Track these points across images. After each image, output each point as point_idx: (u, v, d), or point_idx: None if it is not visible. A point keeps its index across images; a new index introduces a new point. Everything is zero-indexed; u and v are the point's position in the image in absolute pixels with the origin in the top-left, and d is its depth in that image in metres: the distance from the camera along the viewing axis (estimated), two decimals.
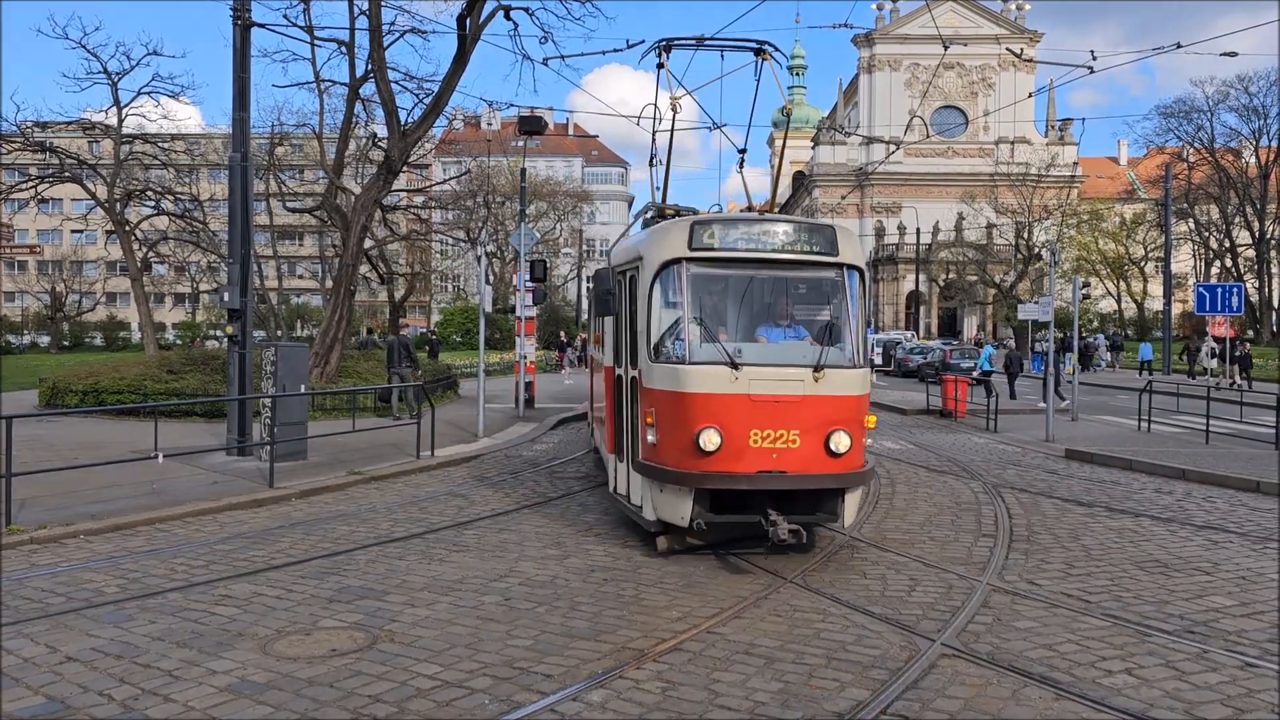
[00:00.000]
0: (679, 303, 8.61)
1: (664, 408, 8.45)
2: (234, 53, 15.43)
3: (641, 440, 8.77)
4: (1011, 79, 76.88)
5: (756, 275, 8.93)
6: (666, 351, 8.59)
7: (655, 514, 8.75)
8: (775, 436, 8.18)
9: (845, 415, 8.43)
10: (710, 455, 8.12)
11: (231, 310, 15.18)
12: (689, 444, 8.18)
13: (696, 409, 8.20)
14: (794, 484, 8.27)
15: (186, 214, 37.32)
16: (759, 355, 8.56)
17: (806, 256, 8.80)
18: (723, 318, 8.94)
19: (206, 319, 76.25)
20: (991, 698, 5.52)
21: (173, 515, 10.53)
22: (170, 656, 6.14)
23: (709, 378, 8.24)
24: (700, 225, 8.64)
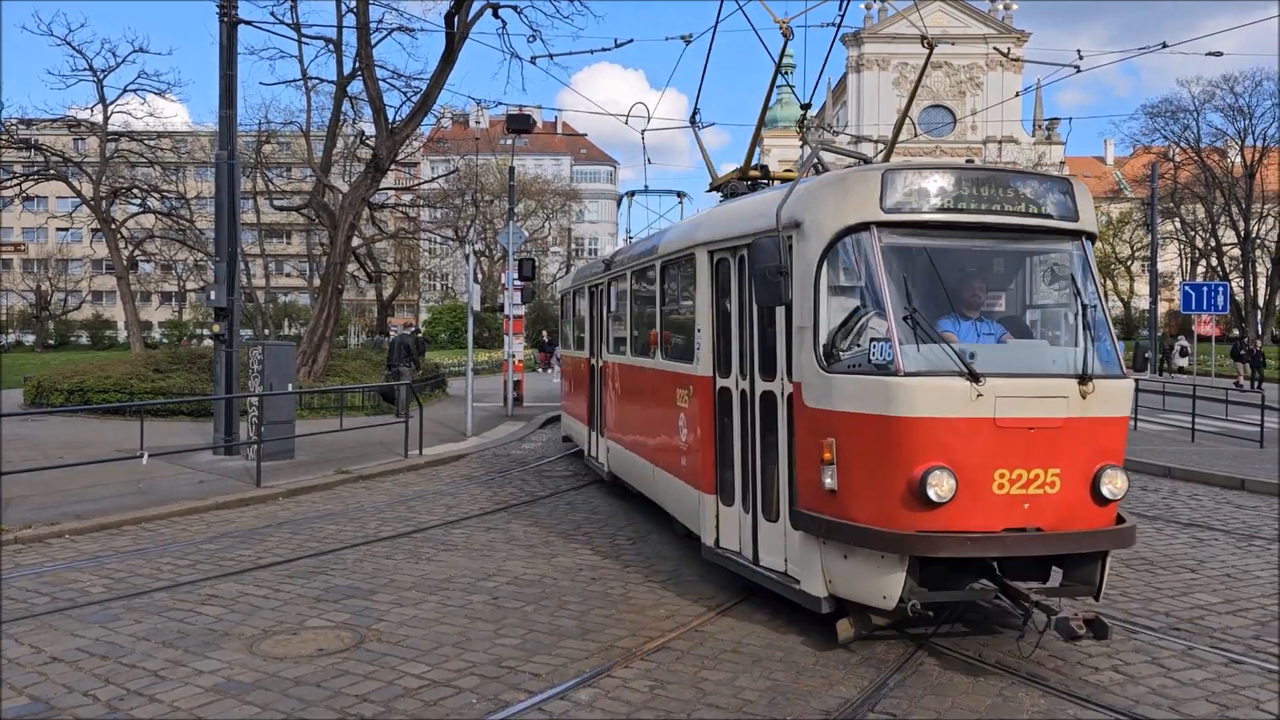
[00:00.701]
0: (866, 287, 6.14)
1: (855, 438, 5.93)
2: (220, 50, 15.36)
3: (804, 482, 6.33)
4: (999, 79, 77.16)
5: (973, 247, 6.51)
6: (849, 357, 6.10)
7: (831, 589, 6.26)
8: (1029, 479, 5.78)
9: (1115, 445, 6.12)
10: (936, 508, 5.64)
11: (218, 309, 15.11)
12: (902, 491, 5.69)
13: (917, 440, 5.69)
14: (1056, 547, 5.93)
15: (173, 212, 37.16)
16: (1001, 362, 6.03)
17: (1042, 221, 6.37)
18: (933, 308, 6.22)
19: (193, 318, 75.97)
20: (978, 695, 5.53)
21: (159, 515, 10.48)
22: (156, 656, 6.11)
23: (937, 395, 5.72)
24: (897, 176, 6.14)
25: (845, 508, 6.00)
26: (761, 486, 7.06)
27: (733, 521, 7.52)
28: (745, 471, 7.31)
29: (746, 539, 7.31)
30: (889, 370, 5.80)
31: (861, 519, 5.90)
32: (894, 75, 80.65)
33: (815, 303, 6.21)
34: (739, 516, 7.43)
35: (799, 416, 6.37)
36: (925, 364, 5.83)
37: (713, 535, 7.74)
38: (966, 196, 6.20)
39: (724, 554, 7.57)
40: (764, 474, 7.01)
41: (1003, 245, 6.58)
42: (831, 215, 6.22)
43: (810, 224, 6.30)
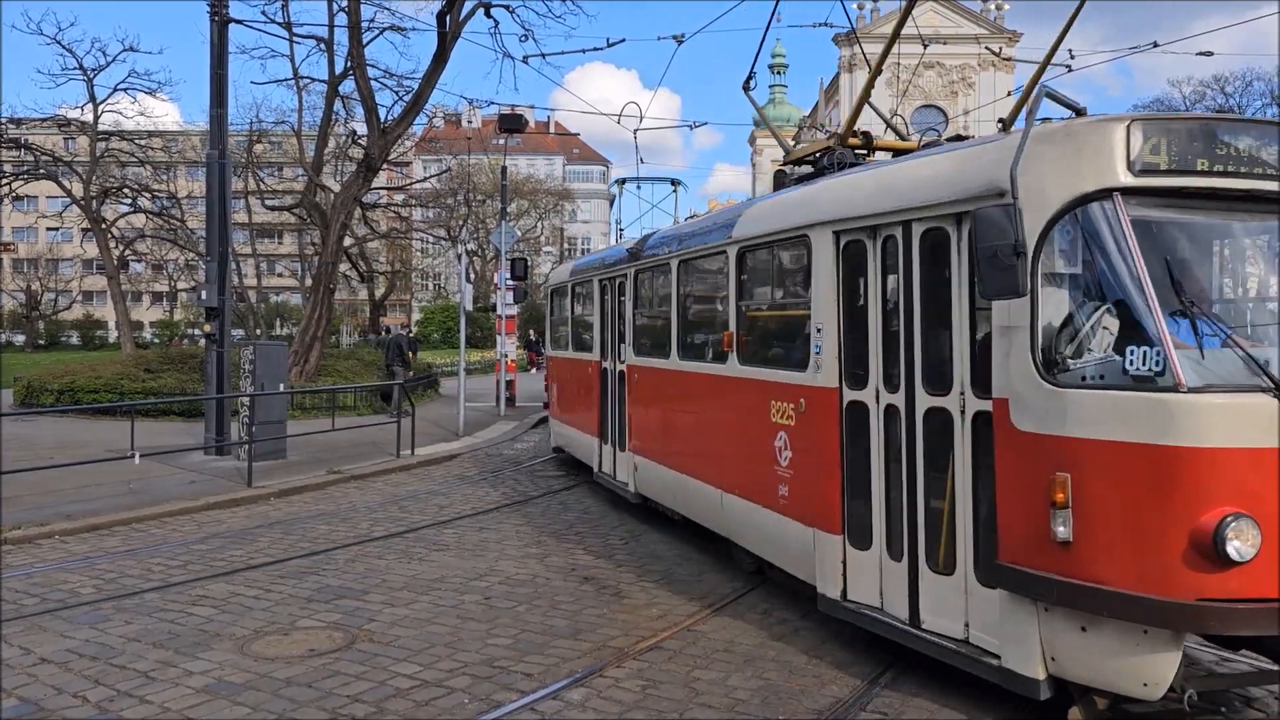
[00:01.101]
0: (1106, 274, 4.79)
1: (1108, 475, 4.57)
2: (211, 49, 15.33)
3: (1011, 528, 4.95)
4: (991, 78, 77.34)
5: (1238, 223, 5.13)
6: (1085, 366, 4.76)
7: (1054, 668, 4.86)
8: None
9: None
10: (1231, 568, 4.30)
11: (209, 309, 15.08)
12: (1184, 546, 4.36)
13: (1210, 479, 4.38)
14: None
15: (164, 212, 37.04)
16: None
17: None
18: (1196, 298, 4.80)
19: (185, 317, 75.70)
20: (970, 691, 5.54)
21: (150, 515, 10.45)
22: (146, 657, 6.09)
23: (1238, 418, 4.40)
24: (1149, 128, 4.76)
25: (1087, 565, 4.59)
26: (925, 528, 5.58)
27: (870, 570, 6.00)
28: (893, 508, 5.85)
29: (896, 594, 5.80)
30: (1163, 385, 4.44)
31: (1117, 581, 4.49)
32: (887, 75, 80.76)
33: (1033, 294, 4.80)
34: (881, 563, 5.94)
35: (1005, 443, 4.96)
36: (1215, 376, 4.47)
37: (837, 585, 6.17)
38: (1234, 154, 4.82)
39: (858, 610, 6.02)
40: (928, 512, 5.56)
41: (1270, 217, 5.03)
42: (1058, 180, 4.82)
43: (1027, 191, 4.75)
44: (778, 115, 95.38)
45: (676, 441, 9.31)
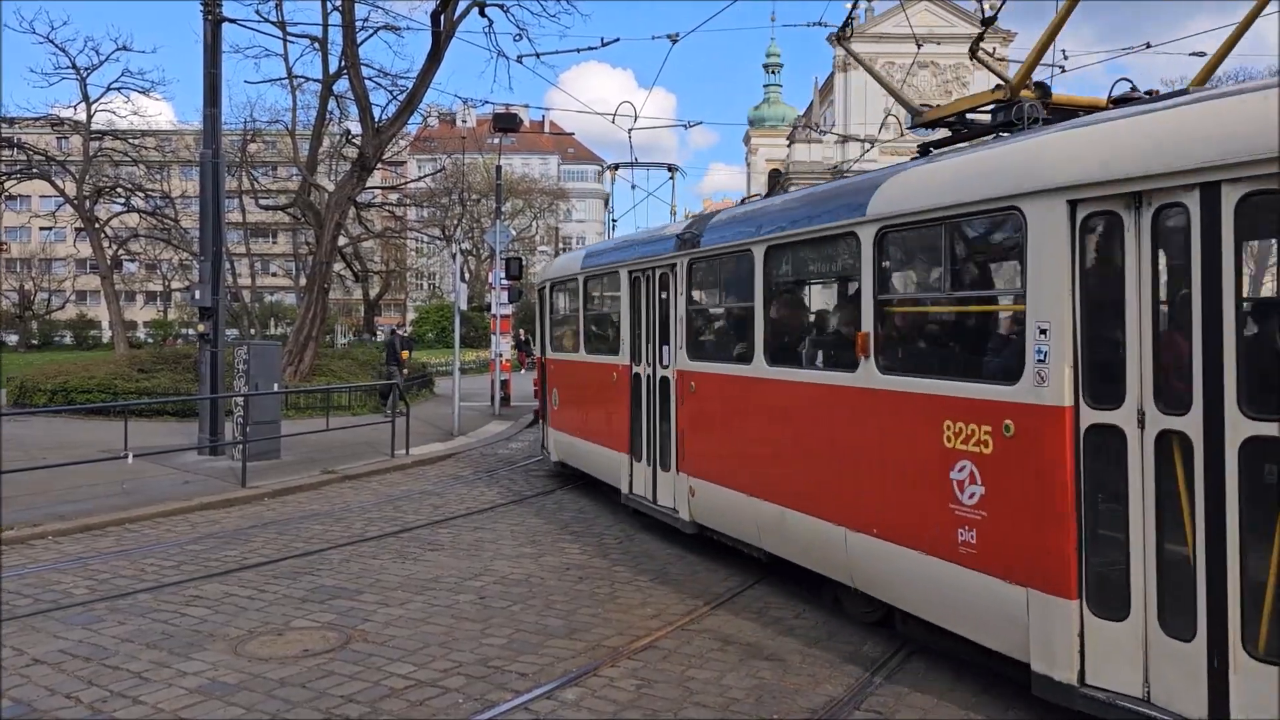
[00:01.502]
0: None
1: None
2: (205, 48, 15.29)
3: None
4: (985, 78, 77.37)
5: None
6: None
7: None
8: None
9: None
10: None
11: (203, 308, 15.05)
12: None
13: None
14: None
15: (157, 211, 36.93)
16: None
17: None
18: None
19: (179, 317, 75.49)
20: (962, 692, 5.55)
21: (143, 515, 10.42)
22: (139, 658, 6.08)
23: None
24: None
25: None
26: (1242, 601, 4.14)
27: (1129, 647, 4.56)
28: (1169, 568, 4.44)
29: (1180, 684, 4.35)
30: None
31: None
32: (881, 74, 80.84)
33: None
34: (1145, 640, 4.51)
35: None
36: None
37: (1070, 664, 4.74)
38: None
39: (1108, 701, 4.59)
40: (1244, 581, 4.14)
41: None
42: None
43: None
44: (772, 115, 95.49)
45: (762, 465, 7.59)
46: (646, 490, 9.88)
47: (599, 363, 11.19)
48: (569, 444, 12.56)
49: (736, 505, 7.96)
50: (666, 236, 9.67)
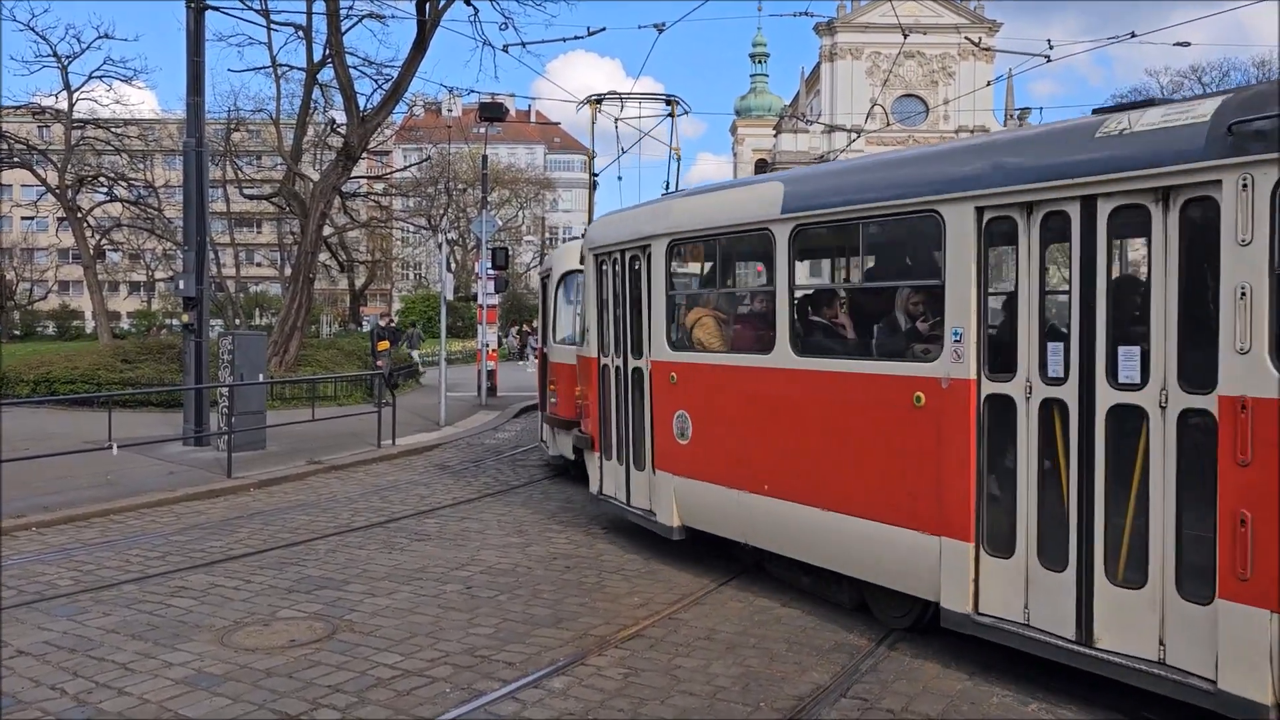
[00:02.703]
0: None
1: None
2: (187, 36, 15.18)
3: None
4: (971, 68, 77.58)
5: None
6: None
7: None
8: None
9: None
10: None
11: (187, 298, 14.97)
12: None
13: None
14: None
15: (141, 200, 36.73)
16: None
17: None
18: None
19: (163, 307, 75.04)
20: (948, 680, 5.58)
21: (128, 506, 10.38)
22: (125, 649, 6.06)
23: None
24: None
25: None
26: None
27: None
28: None
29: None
30: None
31: None
32: (867, 65, 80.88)
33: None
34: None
35: None
36: None
37: None
38: None
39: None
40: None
41: None
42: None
43: None
44: (759, 105, 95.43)
45: None
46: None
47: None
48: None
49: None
50: None
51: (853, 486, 6.29)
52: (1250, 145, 4.36)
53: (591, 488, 9.47)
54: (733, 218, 7.50)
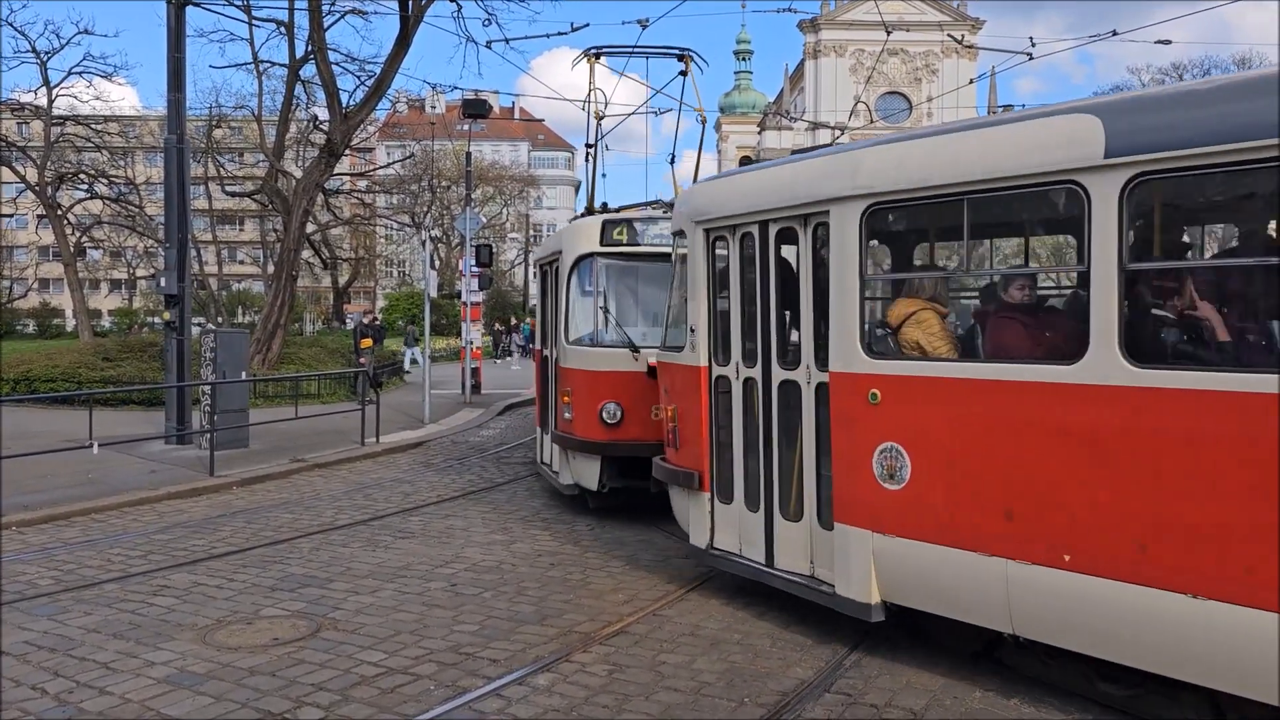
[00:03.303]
0: None
1: None
2: (168, 32, 15.07)
3: None
4: (954, 66, 77.81)
5: None
6: None
7: None
8: None
9: None
10: None
11: (169, 296, 14.88)
12: None
13: None
14: None
15: (121, 198, 36.47)
16: None
17: None
18: None
19: (144, 305, 74.54)
20: (930, 674, 5.61)
21: (109, 505, 10.31)
22: (106, 649, 6.02)
23: None
24: None
25: None
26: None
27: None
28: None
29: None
30: None
31: None
32: (851, 62, 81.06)
33: None
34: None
35: None
36: None
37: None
38: None
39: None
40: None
41: None
42: None
43: None
44: (743, 102, 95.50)
45: None
46: None
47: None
48: None
49: None
50: None
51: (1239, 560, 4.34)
52: None
53: (694, 539, 7.31)
54: (996, 167, 5.22)
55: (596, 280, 9.74)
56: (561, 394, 9.94)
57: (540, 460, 11.71)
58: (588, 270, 9.80)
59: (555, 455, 10.46)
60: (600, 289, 9.75)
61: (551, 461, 10.74)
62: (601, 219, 9.92)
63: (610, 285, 9.84)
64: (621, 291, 9.94)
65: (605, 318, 9.70)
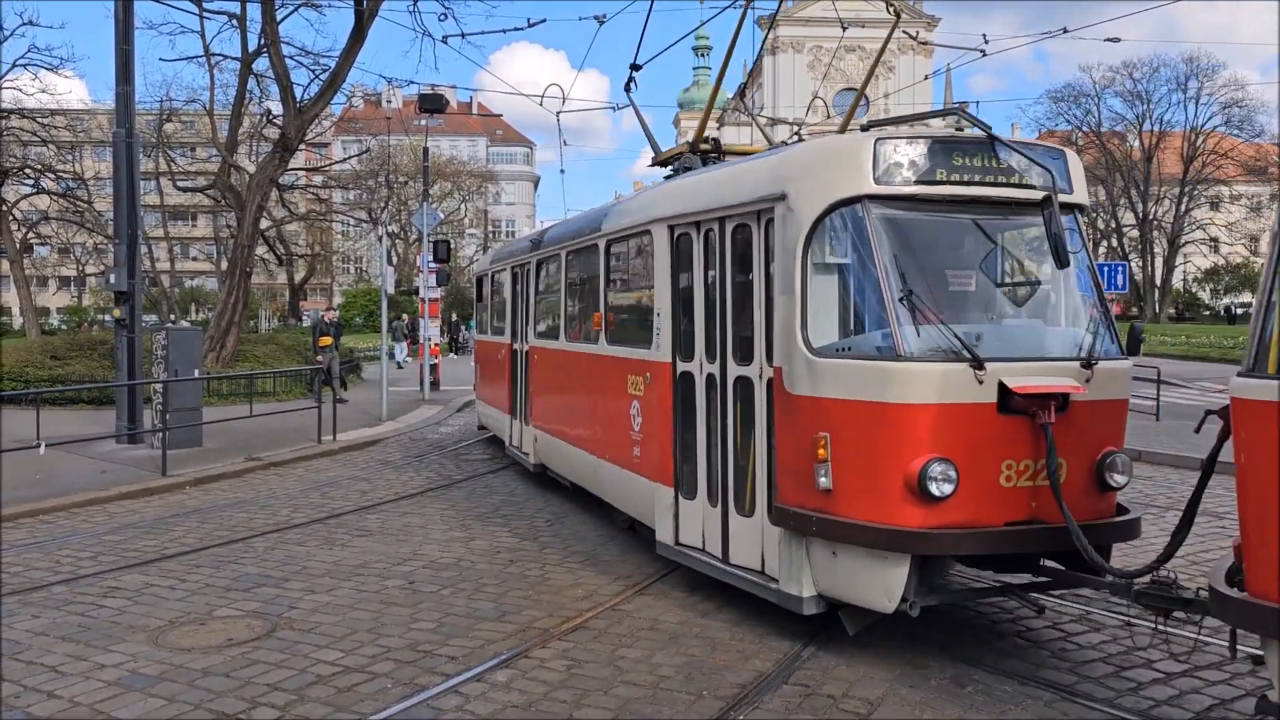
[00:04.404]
0: None
1: None
2: (116, 23, 14.77)
3: None
4: (910, 62, 78.54)
5: None
6: None
7: None
8: None
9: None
10: None
11: (119, 293, 14.60)
12: None
13: None
14: None
15: (69, 193, 35.75)
16: None
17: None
18: None
19: (94, 303, 73.20)
20: (888, 664, 5.66)
21: (58, 506, 10.11)
22: (55, 651, 5.90)
23: None
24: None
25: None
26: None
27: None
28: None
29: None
30: None
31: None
32: (809, 58, 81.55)
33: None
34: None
35: None
36: None
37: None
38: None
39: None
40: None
41: None
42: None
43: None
44: (701, 97, 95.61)
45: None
46: None
47: None
48: None
49: None
50: None
51: None
52: None
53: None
54: None
55: (875, 243, 5.64)
56: (792, 440, 5.91)
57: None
58: (851, 227, 5.82)
59: (713, 527, 6.87)
60: (879, 259, 5.63)
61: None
62: (873, 137, 5.79)
63: (900, 251, 5.74)
64: (924, 262, 5.90)
65: (909, 307, 5.52)
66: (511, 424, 12.50)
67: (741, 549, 6.48)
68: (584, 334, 9.36)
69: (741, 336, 6.43)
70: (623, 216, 8.41)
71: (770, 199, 6.04)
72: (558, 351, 10.28)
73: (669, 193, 7.69)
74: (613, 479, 8.54)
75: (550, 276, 10.81)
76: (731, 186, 6.61)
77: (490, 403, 14.18)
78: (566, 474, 10.15)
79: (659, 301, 7.34)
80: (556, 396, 10.50)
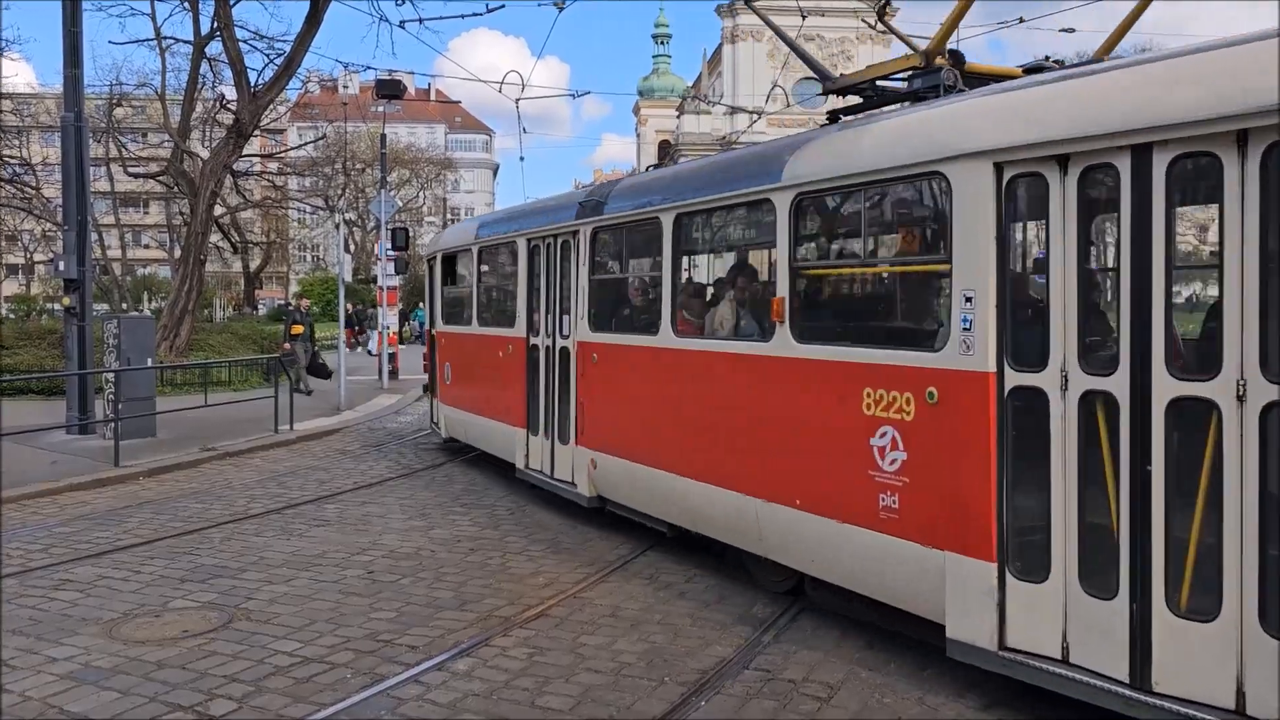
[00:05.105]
0: None
1: None
2: (63, 5, 14.43)
3: None
4: (869, 52, 78.97)
5: None
6: None
7: None
8: None
9: None
10: None
11: (68, 280, 14.31)
12: None
13: None
14: None
15: (16, 179, 34.88)
16: None
17: None
18: None
19: (43, 291, 71.72)
20: (848, 647, 5.72)
21: (6, 498, 9.89)
22: (5, 645, 5.79)
23: None
24: None
25: None
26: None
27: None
28: None
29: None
30: None
31: None
32: (768, 47, 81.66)
33: None
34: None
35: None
36: None
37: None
38: None
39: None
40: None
41: None
42: None
43: None
44: (661, 86, 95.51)
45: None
46: None
47: None
48: None
49: None
50: None
51: None
52: None
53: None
54: None
55: None
56: None
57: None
58: None
59: None
60: None
61: None
62: None
63: None
64: None
65: None
66: (529, 441, 9.86)
67: None
68: (738, 328, 6.85)
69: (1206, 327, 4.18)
70: (844, 155, 5.75)
71: None
72: (664, 351, 7.42)
73: (984, 109, 5.00)
74: (855, 548, 5.53)
75: (631, 249, 8.54)
76: (1184, 87, 4.06)
77: (478, 411, 11.37)
78: (680, 521, 7.39)
79: (962, 279, 4.85)
80: (653, 411, 7.66)
